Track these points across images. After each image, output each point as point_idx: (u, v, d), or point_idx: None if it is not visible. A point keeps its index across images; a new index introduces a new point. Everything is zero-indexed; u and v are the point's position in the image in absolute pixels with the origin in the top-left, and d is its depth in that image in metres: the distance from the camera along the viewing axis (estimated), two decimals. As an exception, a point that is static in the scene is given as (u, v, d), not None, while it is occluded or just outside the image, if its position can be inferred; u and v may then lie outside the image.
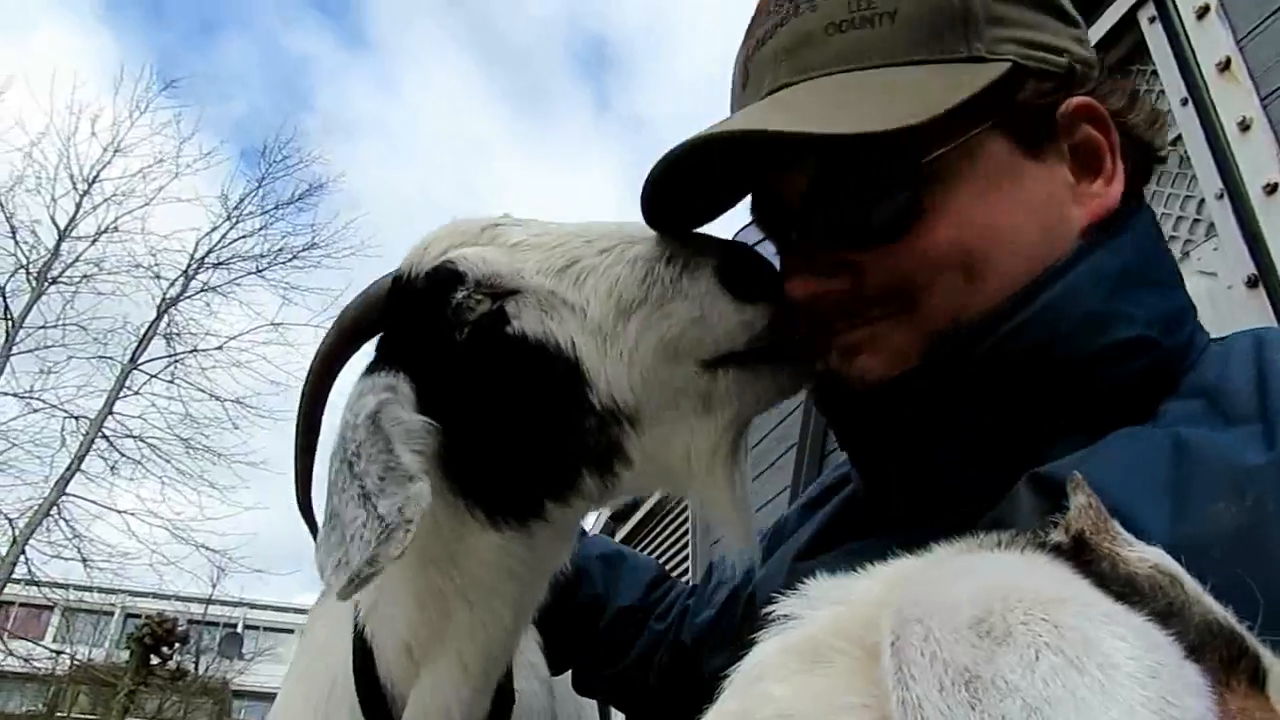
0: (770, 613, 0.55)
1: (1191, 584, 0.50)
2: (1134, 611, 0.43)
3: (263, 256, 19.01)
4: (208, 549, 18.14)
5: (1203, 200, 3.06)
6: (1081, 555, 0.50)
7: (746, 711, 0.47)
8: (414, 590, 1.04)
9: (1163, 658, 0.39)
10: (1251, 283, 2.79)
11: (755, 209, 0.97)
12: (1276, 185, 2.69)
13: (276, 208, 19.28)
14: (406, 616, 1.05)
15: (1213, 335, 0.91)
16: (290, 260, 19.07)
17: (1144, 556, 0.50)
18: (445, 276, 0.97)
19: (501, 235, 1.00)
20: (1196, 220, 3.16)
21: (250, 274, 18.88)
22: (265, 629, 35.21)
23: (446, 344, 0.97)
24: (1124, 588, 0.48)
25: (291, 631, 36.86)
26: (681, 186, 0.92)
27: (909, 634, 0.37)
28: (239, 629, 33.60)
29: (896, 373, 0.85)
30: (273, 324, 18.59)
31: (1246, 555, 0.61)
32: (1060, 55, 0.87)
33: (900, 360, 0.85)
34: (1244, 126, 2.80)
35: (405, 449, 0.91)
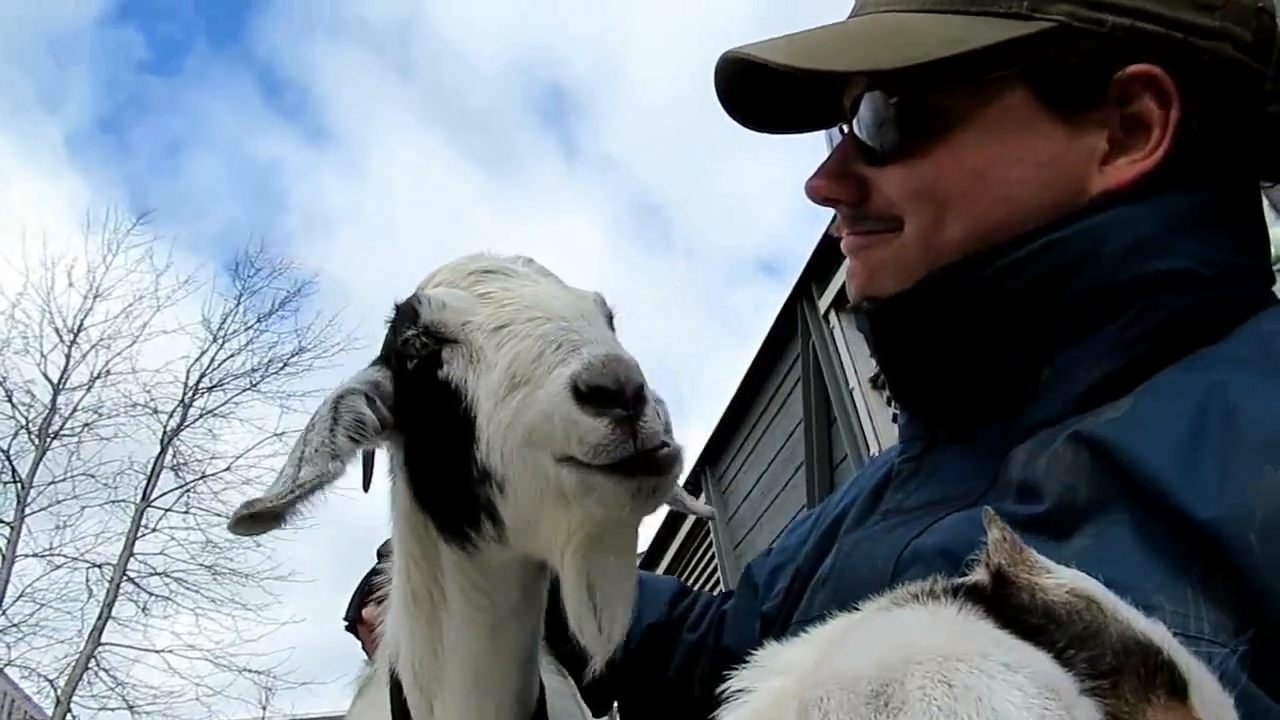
0: (726, 689, 0.55)
1: (1109, 601, 0.51)
2: (1042, 647, 0.45)
3: (254, 371, 19.05)
4: (252, 671, 17.96)
5: None
6: (1001, 589, 0.53)
7: None
8: (409, 598, 1.15)
9: (1051, 705, 0.40)
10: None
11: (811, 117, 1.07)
12: None
13: (259, 320, 19.36)
14: (410, 639, 1.16)
15: None
16: (282, 369, 19.11)
17: (1060, 582, 0.51)
18: (407, 312, 1.10)
19: (481, 283, 1.09)
20: None
21: (245, 390, 18.93)
22: (322, 740, 34.69)
23: (402, 368, 1.10)
24: (1042, 617, 0.49)
25: (349, 738, 36.28)
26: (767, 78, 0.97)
27: (808, 711, 0.39)
28: (296, 745, 33.11)
29: (886, 292, 0.96)
30: (275, 434, 18.57)
31: None
32: (1150, 22, 0.82)
33: (881, 274, 0.97)
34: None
35: (343, 433, 1.04)
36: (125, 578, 17.07)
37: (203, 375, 18.74)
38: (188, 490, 18.12)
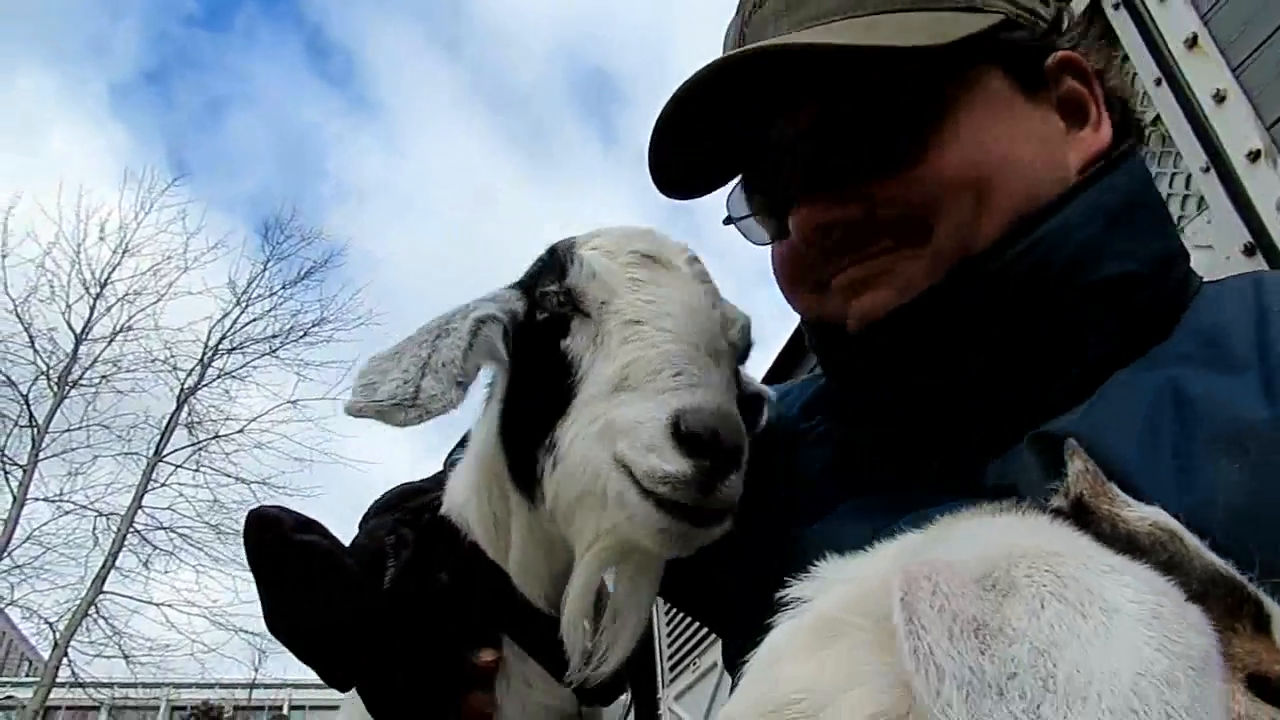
0: (782, 598, 0.57)
1: (1191, 539, 0.52)
2: (1136, 563, 0.46)
3: (275, 337, 19.19)
4: (247, 632, 18.09)
5: (1189, 175, 3.09)
6: (1082, 518, 0.53)
7: (765, 696, 0.49)
8: (483, 509, 1.15)
9: (1165, 601, 0.41)
10: (1248, 250, 2.81)
11: (756, 157, 0.98)
12: (1259, 152, 2.72)
13: (284, 287, 19.50)
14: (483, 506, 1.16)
15: None
16: (302, 337, 19.25)
17: (1143, 515, 0.52)
18: (557, 264, 1.09)
19: (637, 266, 1.06)
20: (1186, 195, 3.19)
21: (264, 355, 19.06)
22: (311, 708, 34.92)
23: (532, 313, 1.10)
24: (1125, 546, 0.50)
25: (337, 708, 36.46)
26: (684, 140, 0.95)
27: (917, 589, 0.40)
28: (285, 710, 33.32)
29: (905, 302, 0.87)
30: (290, 401, 18.70)
31: (1254, 521, 0.62)
32: (1030, 16, 0.93)
33: (909, 292, 0.87)
34: (1219, 98, 2.84)
35: (474, 359, 1.04)
36: (131, 529, 17.23)
37: (224, 337, 18.91)
38: (200, 448, 18.28)
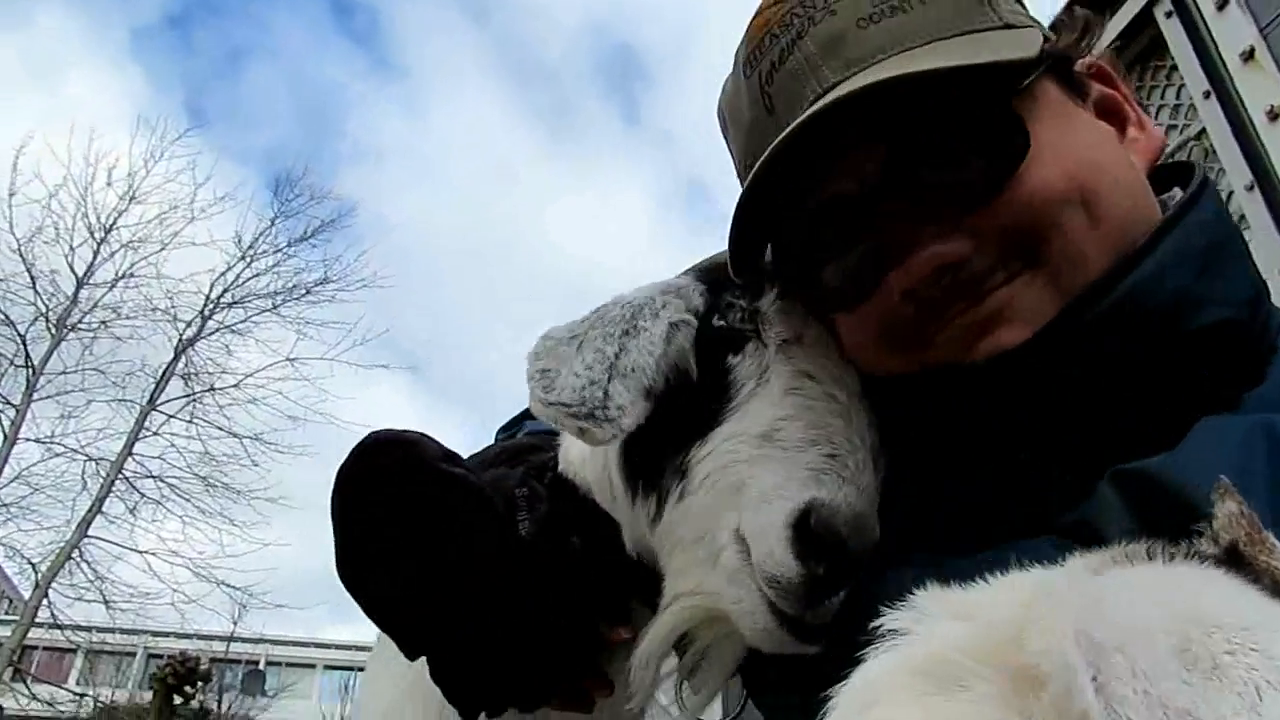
0: (877, 627, 0.50)
1: None
2: None
3: (277, 294, 19.09)
4: (229, 586, 18.09)
5: (1231, 193, 3.00)
6: (1235, 568, 0.45)
7: None
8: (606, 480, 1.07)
9: None
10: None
11: (831, 217, 0.89)
12: (1310, 173, 2.63)
13: (290, 244, 19.39)
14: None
15: None
16: (304, 295, 19.14)
17: None
18: (754, 275, 0.99)
19: (808, 327, 0.98)
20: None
21: (265, 311, 18.97)
22: (288, 665, 35.07)
23: (709, 318, 1.01)
24: None
25: (314, 667, 36.72)
26: (765, 215, 0.89)
27: (1112, 666, 0.31)
28: (261, 666, 33.48)
29: (1023, 337, 0.81)
30: (288, 359, 18.63)
31: None
32: (1054, 28, 0.92)
33: (1040, 322, 0.80)
34: (1273, 115, 2.75)
35: (664, 368, 0.95)
36: (120, 476, 17.21)
37: (225, 290, 18.82)
38: (194, 400, 18.23)
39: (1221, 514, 0.47)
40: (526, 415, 1.38)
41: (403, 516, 0.92)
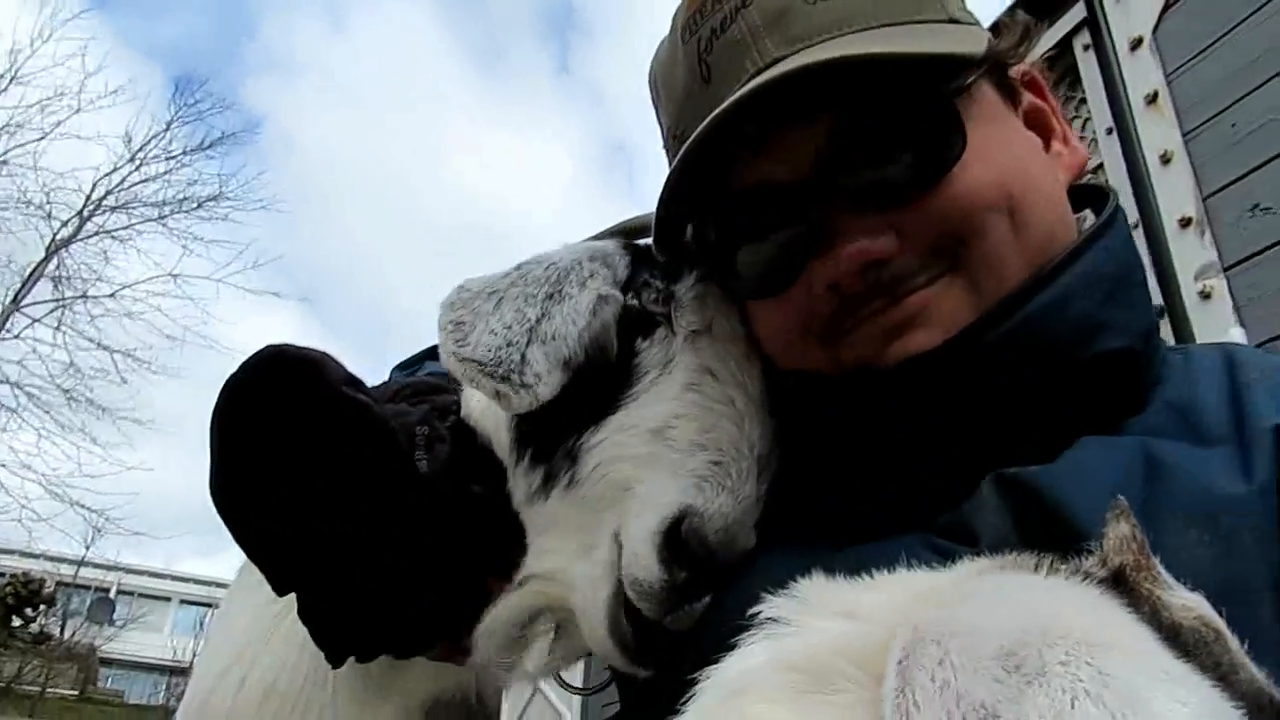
0: (756, 614, 0.49)
1: (1234, 642, 0.44)
2: (1195, 673, 0.37)
3: (165, 204, 18.03)
4: (84, 507, 17.18)
5: (1119, 229, 3.14)
6: (1119, 592, 0.45)
7: None
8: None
9: None
10: (1159, 313, 2.88)
11: (752, 200, 0.87)
12: (1190, 219, 2.78)
13: (185, 153, 18.31)
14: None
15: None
16: (195, 209, 18.15)
17: (1187, 604, 0.45)
18: (672, 254, 0.95)
19: (718, 319, 0.95)
20: (1112, 248, 3.25)
21: (150, 220, 17.89)
22: (140, 595, 33.68)
23: (628, 286, 0.97)
24: (1166, 638, 0.42)
25: (169, 600, 35.36)
26: (694, 193, 0.85)
27: (921, 655, 0.30)
28: (111, 594, 32.03)
29: (937, 341, 0.80)
30: (171, 275, 17.66)
31: (1221, 598, 0.58)
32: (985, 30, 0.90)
33: (955, 329, 0.79)
34: (1165, 159, 2.88)
35: (587, 343, 0.91)
36: (-28, 377, 16.03)
37: (109, 193, 17.65)
38: (64, 306, 17.10)
39: (1113, 536, 0.47)
40: (428, 355, 1.33)
41: (294, 438, 0.86)
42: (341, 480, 0.86)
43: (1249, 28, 2.71)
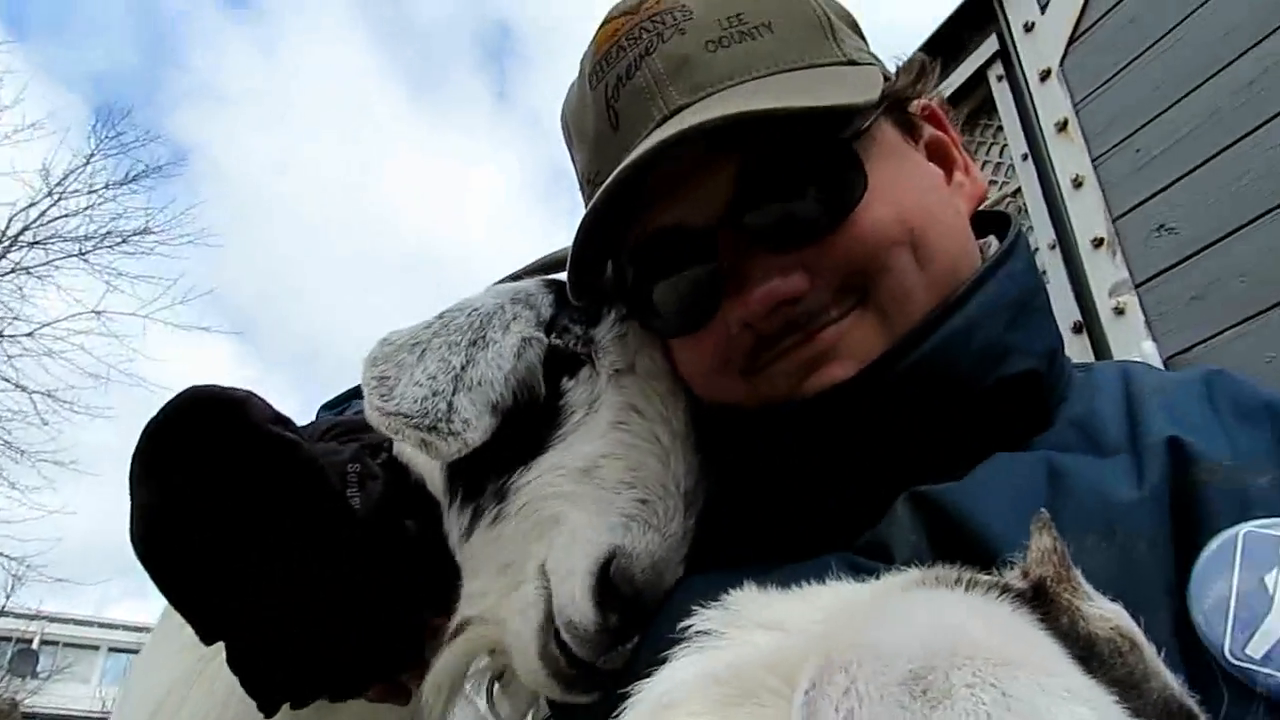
0: (686, 627, 0.50)
1: (1150, 651, 0.47)
2: (1098, 684, 0.40)
3: (88, 239, 17.38)
4: (3, 555, 16.32)
5: (1038, 249, 3.28)
6: (1039, 604, 0.47)
7: None
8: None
9: None
10: (1077, 329, 3.01)
11: (671, 243, 0.89)
12: (1102, 240, 2.92)
13: (107, 187, 17.71)
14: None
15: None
16: (119, 244, 17.53)
17: (1104, 615, 0.47)
18: (590, 300, 0.96)
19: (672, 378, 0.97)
20: (1031, 267, 3.39)
21: (72, 256, 17.24)
22: (66, 645, 32.09)
23: (551, 327, 0.98)
24: (1082, 648, 0.45)
25: (97, 648, 33.77)
26: (606, 242, 0.88)
27: (828, 685, 0.32)
28: (34, 644, 30.44)
29: (850, 372, 0.83)
30: (95, 312, 17.02)
31: (1118, 602, 0.61)
32: (883, 67, 0.93)
33: (868, 361, 0.82)
34: (1077, 183, 3.03)
35: (513, 386, 0.92)
36: (-121, 423, 15.18)
37: (26, 228, 16.94)
38: (-22, 346, 16.32)
39: (1035, 548, 0.49)
40: (355, 394, 1.32)
41: (219, 480, 0.84)
42: (270, 521, 0.85)
43: (1149, 59, 2.87)
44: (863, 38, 0.96)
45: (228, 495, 0.84)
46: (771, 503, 0.90)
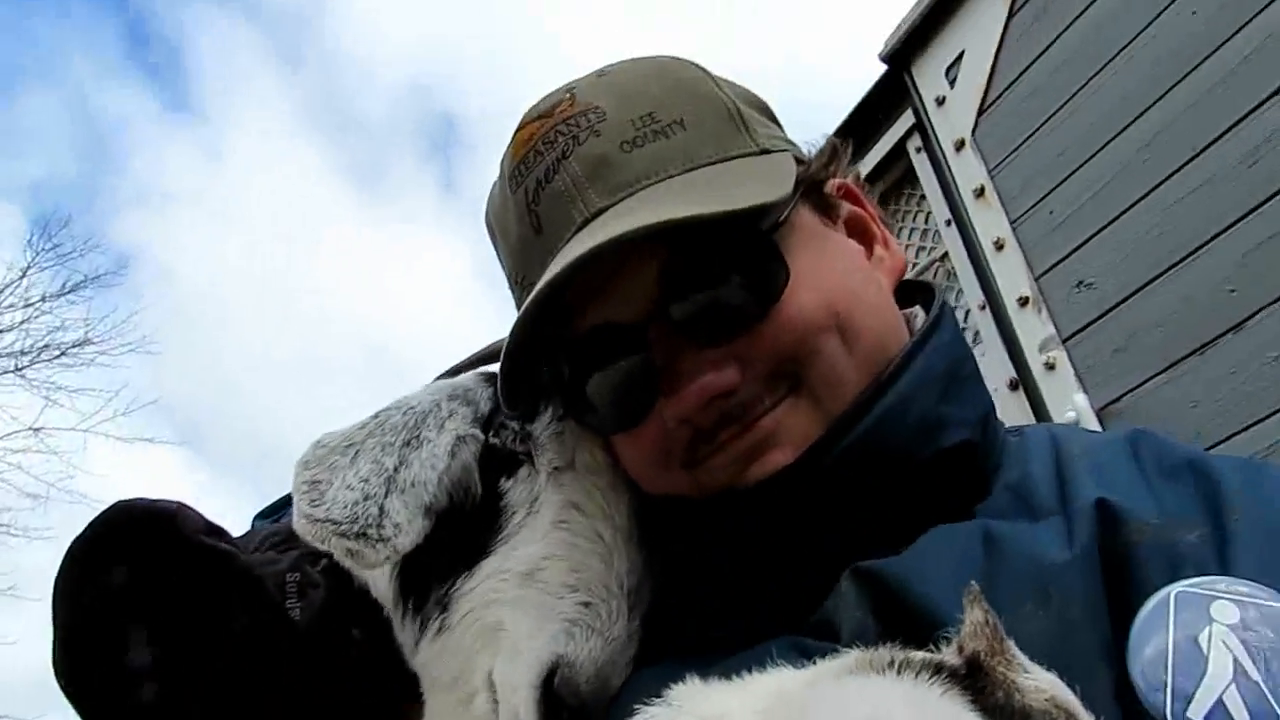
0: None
1: (1088, 718, 0.48)
2: None
3: (24, 353, 16.97)
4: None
5: (969, 311, 3.38)
6: (975, 679, 0.47)
7: None
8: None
9: None
10: (1013, 385, 3.08)
11: (603, 344, 0.89)
12: (1027, 298, 3.02)
13: (44, 300, 17.39)
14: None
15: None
16: (57, 358, 17.14)
17: (1040, 686, 0.47)
18: (524, 399, 0.94)
19: (580, 452, 0.95)
20: (964, 328, 3.48)
21: (8, 373, 16.80)
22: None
23: (489, 423, 0.96)
24: None
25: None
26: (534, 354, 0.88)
27: None
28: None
29: (790, 459, 0.83)
30: (32, 429, 16.51)
31: (1057, 669, 0.59)
32: (800, 152, 0.95)
33: (805, 445, 0.83)
34: (999, 246, 3.14)
35: (447, 487, 0.89)
36: None
37: (-41, 344, 16.51)
38: (-94, 471, 15.65)
39: (968, 622, 0.49)
40: (289, 501, 1.30)
41: (150, 597, 0.81)
42: (207, 637, 0.81)
43: (1054, 125, 3.03)
44: (775, 121, 0.98)
45: (160, 612, 0.81)
46: (720, 590, 0.89)
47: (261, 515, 1.33)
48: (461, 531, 0.90)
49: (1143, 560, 0.71)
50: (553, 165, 0.88)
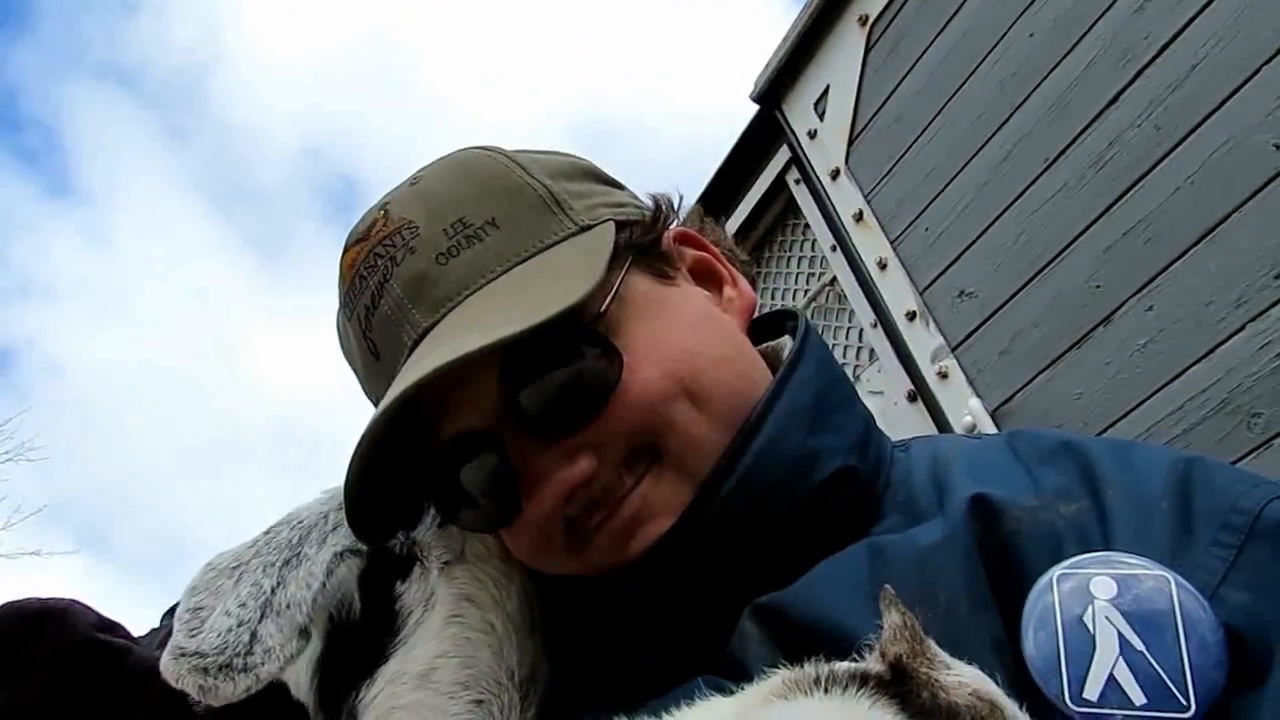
0: None
1: (1011, 709, 0.48)
2: None
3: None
4: None
5: (862, 330, 3.51)
6: (899, 683, 0.48)
7: None
8: None
9: None
10: (911, 397, 3.20)
11: (452, 452, 0.88)
12: (915, 312, 3.15)
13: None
14: None
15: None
16: (-78, 474, 15.85)
17: (962, 681, 0.48)
18: (378, 529, 0.91)
19: (470, 542, 0.94)
20: (860, 347, 3.61)
21: None
22: None
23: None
24: (945, 718, 0.46)
25: None
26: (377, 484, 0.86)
27: None
28: None
29: (666, 527, 0.83)
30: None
31: None
32: (632, 208, 0.96)
33: (679, 509, 0.83)
34: (882, 265, 3.28)
35: (324, 607, 0.87)
36: None
37: None
38: None
39: (887, 626, 0.50)
40: None
41: (40, 696, 0.78)
42: None
43: (919, 149, 3.20)
44: (600, 179, 0.99)
45: (51, 712, 0.78)
46: (631, 650, 0.89)
47: (170, 613, 1.27)
48: (360, 641, 0.89)
49: (1023, 545, 0.73)
50: (376, 290, 0.88)
